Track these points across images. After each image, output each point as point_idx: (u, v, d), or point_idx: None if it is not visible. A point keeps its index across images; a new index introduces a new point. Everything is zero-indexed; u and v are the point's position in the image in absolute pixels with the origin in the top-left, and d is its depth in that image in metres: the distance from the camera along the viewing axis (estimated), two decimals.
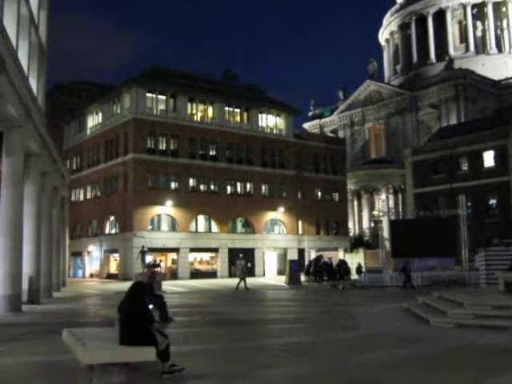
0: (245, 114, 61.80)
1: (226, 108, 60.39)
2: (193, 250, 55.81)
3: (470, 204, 54.05)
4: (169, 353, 8.86)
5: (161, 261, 51.36)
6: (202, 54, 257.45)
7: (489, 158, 59.62)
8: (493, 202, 60.14)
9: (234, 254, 57.58)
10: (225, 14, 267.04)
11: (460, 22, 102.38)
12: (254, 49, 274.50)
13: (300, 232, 63.71)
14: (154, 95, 55.52)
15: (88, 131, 62.60)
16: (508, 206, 56.96)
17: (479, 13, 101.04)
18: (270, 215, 61.42)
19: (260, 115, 62.78)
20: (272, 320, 18.21)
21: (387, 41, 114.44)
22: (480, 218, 57.88)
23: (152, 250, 49.45)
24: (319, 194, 66.75)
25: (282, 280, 43.57)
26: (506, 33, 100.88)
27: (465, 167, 62.63)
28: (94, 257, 59.91)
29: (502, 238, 34.88)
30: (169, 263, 55.07)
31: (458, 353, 10.94)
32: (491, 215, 59.08)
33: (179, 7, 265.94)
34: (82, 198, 62.84)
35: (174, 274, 53.29)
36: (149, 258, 46.13)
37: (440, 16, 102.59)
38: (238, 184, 59.79)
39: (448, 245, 38.26)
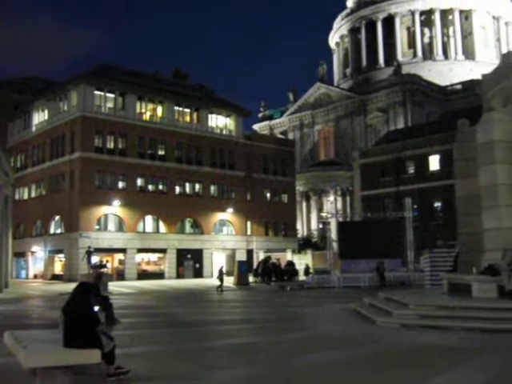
0: (194, 114, 61.47)
1: (176, 107, 59.94)
2: (140, 250, 55.14)
3: (416, 207, 55.11)
4: (114, 355, 8.68)
5: (107, 261, 50.62)
6: (152, 52, 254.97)
7: (434, 162, 60.93)
8: (438, 204, 61.45)
9: (182, 254, 57.38)
10: (176, 13, 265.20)
11: (408, 28, 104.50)
12: (204, 49, 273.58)
13: (249, 233, 63.76)
14: (102, 93, 54.63)
15: (33, 128, 61.07)
16: (452, 209, 58.14)
17: (427, 20, 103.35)
18: (219, 216, 61.25)
19: (210, 116, 62.56)
20: (220, 321, 18.12)
21: (337, 44, 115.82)
22: (425, 220, 59.06)
23: (98, 251, 48.59)
24: (268, 195, 66.96)
25: (230, 281, 43.46)
26: (452, 40, 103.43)
27: (411, 170, 63.82)
28: (38, 257, 58.45)
29: (447, 240, 35.61)
30: (115, 264, 54.22)
31: (403, 352, 11.07)
32: (436, 218, 60.35)
33: (130, 5, 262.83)
34: (26, 197, 61.22)
35: (120, 275, 52.48)
36: (95, 259, 45.39)
37: (389, 22, 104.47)
38: (187, 184, 59.41)
39: (394, 246, 38.92)
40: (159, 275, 54.98)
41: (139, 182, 55.96)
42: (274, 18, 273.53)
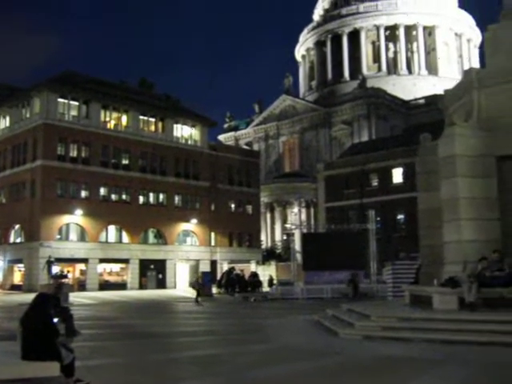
0: (160, 124, 61.16)
1: (141, 117, 59.56)
2: (102, 260, 54.36)
3: (379, 219, 55.62)
4: (74, 367, 8.50)
5: (68, 272, 49.71)
6: (118, 61, 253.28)
7: (398, 175, 61.77)
8: (401, 217, 62.22)
9: (145, 265, 56.80)
10: (142, 22, 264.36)
11: (373, 43, 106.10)
12: (170, 59, 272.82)
13: (213, 244, 63.50)
14: (65, 100, 53.96)
15: None
16: (415, 222, 58.87)
17: (392, 35, 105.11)
18: (183, 226, 60.90)
19: (175, 125, 62.32)
20: (182, 333, 17.95)
21: (303, 57, 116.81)
22: (388, 232, 59.70)
23: (59, 261, 47.75)
24: (233, 205, 66.88)
25: (193, 292, 43.14)
26: (416, 55, 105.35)
27: (375, 183, 64.54)
28: None
29: (409, 252, 35.98)
30: (77, 274, 53.34)
31: (365, 363, 11.10)
32: (399, 230, 61.07)
33: (96, 14, 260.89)
34: None
35: (82, 286, 51.62)
36: (55, 269, 44.59)
37: (355, 36, 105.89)
38: (151, 194, 58.95)
39: (358, 258, 39.17)
40: (121, 286, 54.29)
41: (102, 191, 55.33)
42: (241, 30, 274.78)
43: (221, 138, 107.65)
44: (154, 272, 57.62)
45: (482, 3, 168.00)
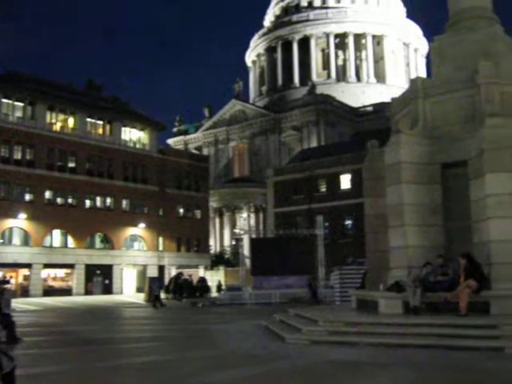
0: (107, 127, 60.34)
1: (88, 119, 58.64)
2: (47, 265, 53.16)
3: (327, 224, 56.17)
4: (14, 376, 8.19)
5: (11, 277, 48.55)
6: (65, 62, 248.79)
7: (345, 181, 62.60)
8: (348, 222, 63.06)
9: (91, 270, 55.81)
10: (91, 24, 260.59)
11: (323, 50, 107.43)
12: (121, 62, 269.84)
13: (161, 248, 62.93)
14: (10, 101, 52.66)
15: None
16: (362, 227, 59.72)
17: (341, 43, 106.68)
18: (131, 231, 60.16)
19: (123, 128, 61.60)
20: (129, 339, 17.68)
21: (254, 62, 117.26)
22: (336, 237, 60.40)
23: (2, 266, 46.67)
24: (181, 210, 66.47)
25: (141, 298, 42.64)
26: (364, 63, 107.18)
27: (323, 189, 65.22)
28: None
29: (356, 257, 36.46)
30: (20, 280, 52.05)
31: (312, 368, 11.13)
32: (347, 235, 61.86)
33: (40, 12, 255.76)
34: None
35: (25, 292, 50.35)
36: None
37: (305, 43, 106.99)
38: (98, 198, 58.05)
39: (306, 263, 39.36)
40: (66, 292, 53.18)
41: (47, 194, 54.18)
42: (193, 35, 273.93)
43: (170, 142, 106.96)
44: (100, 277, 56.69)
45: (429, 14, 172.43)
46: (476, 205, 14.92)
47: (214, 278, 58.10)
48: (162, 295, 43.38)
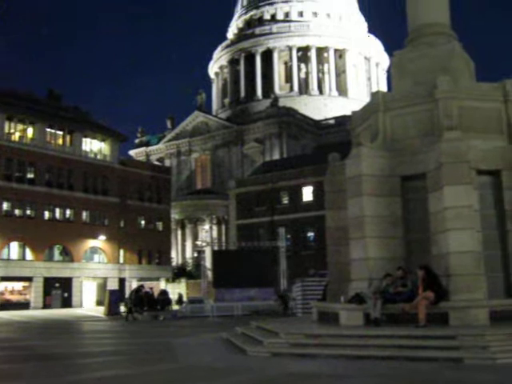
0: (68, 137, 59.53)
1: (48, 129, 57.78)
2: (3, 278, 51.96)
3: (289, 236, 56.40)
4: None
5: None
6: (25, 71, 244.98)
7: (308, 193, 62.94)
8: (311, 234, 63.33)
9: (49, 283, 54.75)
10: (52, 34, 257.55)
11: (286, 63, 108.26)
12: (82, 71, 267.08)
13: (121, 261, 62.19)
14: None
15: None
16: (324, 239, 60.02)
17: (304, 56, 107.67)
18: (91, 243, 59.31)
19: (84, 139, 60.86)
20: (88, 353, 17.33)
21: (217, 74, 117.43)
22: (298, 249, 60.59)
23: None
24: (143, 222, 65.87)
25: (100, 311, 41.99)
26: (326, 76, 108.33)
27: (286, 201, 65.44)
28: None
29: (318, 269, 36.63)
30: None
31: (272, 381, 11.08)
32: (309, 247, 62.10)
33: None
34: None
35: None
36: None
37: (268, 55, 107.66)
38: (57, 209, 57.09)
39: (268, 275, 39.40)
40: (24, 305, 51.96)
41: (5, 205, 53.13)
42: (156, 47, 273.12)
43: (132, 153, 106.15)
44: (59, 290, 55.64)
45: (390, 29, 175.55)
46: (435, 217, 15.14)
47: (176, 290, 57.58)
48: (122, 308, 42.85)
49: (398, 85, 18.49)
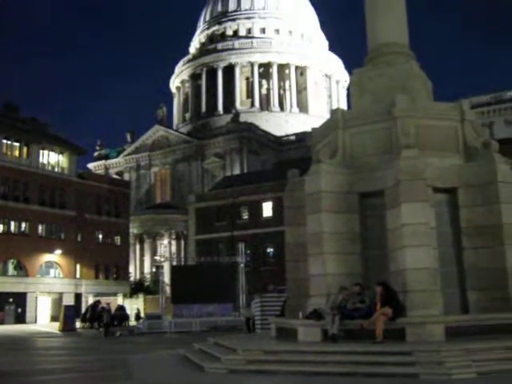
0: (24, 149, 58.44)
1: (4, 140, 56.67)
2: None
3: (249, 252, 56.33)
4: None
5: None
6: None
7: (267, 209, 63.01)
8: (270, 250, 63.33)
9: (2, 298, 53.39)
10: (10, 45, 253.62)
11: (247, 79, 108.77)
12: (40, 83, 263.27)
13: (78, 276, 61.10)
14: None
15: None
16: (283, 255, 60.17)
17: (265, 72, 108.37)
18: (46, 257, 58.15)
19: (41, 151, 59.86)
20: (42, 370, 16.89)
21: (178, 88, 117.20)
22: (258, 265, 60.50)
23: None
24: (100, 236, 64.97)
25: (55, 327, 41.12)
26: (287, 93, 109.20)
27: (245, 216, 65.39)
28: None
29: (277, 284, 36.68)
30: None
31: None
32: (268, 263, 62.04)
33: None
34: None
35: None
36: None
37: (230, 71, 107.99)
38: (12, 223, 55.85)
39: (227, 291, 39.25)
40: None
41: None
42: (117, 59, 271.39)
43: (90, 166, 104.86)
44: (12, 306, 54.27)
45: (350, 48, 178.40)
46: (392, 234, 15.29)
47: (134, 306, 56.90)
48: (78, 324, 42.08)
49: (357, 103, 18.71)
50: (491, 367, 12.06)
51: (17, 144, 58.09)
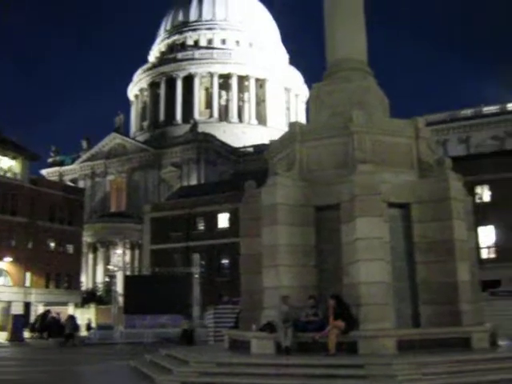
0: None
1: None
2: None
3: (204, 263, 55.94)
4: None
5: None
6: None
7: (224, 220, 62.79)
8: (225, 261, 63.04)
9: None
10: None
11: (207, 89, 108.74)
12: None
13: (27, 284, 59.60)
14: None
15: None
16: (238, 266, 60.04)
17: (225, 83, 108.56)
18: None
19: None
20: None
21: (136, 97, 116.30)
22: (213, 276, 60.13)
23: None
24: (52, 244, 63.61)
25: (3, 337, 40.02)
26: (246, 105, 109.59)
27: (201, 227, 65.02)
28: None
29: (232, 296, 36.47)
30: None
31: None
32: (223, 274, 61.74)
33: None
34: None
35: None
36: None
37: (189, 81, 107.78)
38: None
39: (181, 302, 38.80)
40: None
41: None
42: (75, 65, 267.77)
43: (44, 172, 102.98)
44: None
45: (310, 62, 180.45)
46: (347, 247, 15.41)
47: (85, 316, 55.87)
48: (27, 334, 41.08)
49: (315, 117, 18.87)
50: (441, 380, 12.26)
51: None
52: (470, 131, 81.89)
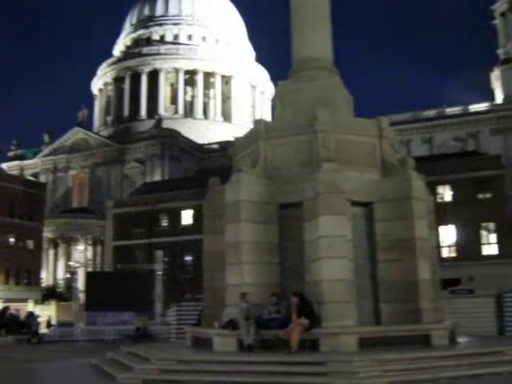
0: None
1: None
2: None
3: (167, 259, 55.60)
4: None
5: None
6: None
7: (187, 217, 62.50)
8: (189, 258, 62.78)
9: None
10: None
11: (172, 85, 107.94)
12: None
13: None
14: None
15: None
16: (201, 264, 59.89)
17: (191, 79, 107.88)
18: None
19: None
20: None
21: (100, 91, 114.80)
22: (176, 273, 59.79)
23: None
24: (12, 239, 62.42)
25: None
26: (212, 101, 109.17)
27: (165, 223, 64.60)
28: None
29: (195, 293, 36.33)
30: None
31: None
32: (186, 271, 61.48)
33: None
34: None
35: None
36: None
37: (154, 76, 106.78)
38: None
39: (143, 299, 38.57)
40: None
41: None
42: (38, 58, 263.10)
43: (4, 166, 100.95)
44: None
45: (276, 60, 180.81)
46: (309, 245, 15.48)
47: (45, 312, 54.93)
48: None
49: (280, 114, 18.91)
50: (402, 377, 12.41)
51: None
52: (432, 132, 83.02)
